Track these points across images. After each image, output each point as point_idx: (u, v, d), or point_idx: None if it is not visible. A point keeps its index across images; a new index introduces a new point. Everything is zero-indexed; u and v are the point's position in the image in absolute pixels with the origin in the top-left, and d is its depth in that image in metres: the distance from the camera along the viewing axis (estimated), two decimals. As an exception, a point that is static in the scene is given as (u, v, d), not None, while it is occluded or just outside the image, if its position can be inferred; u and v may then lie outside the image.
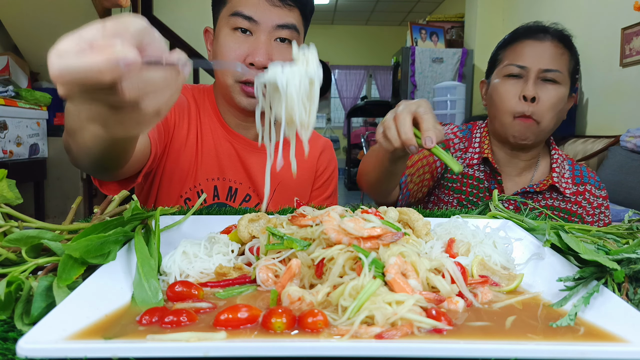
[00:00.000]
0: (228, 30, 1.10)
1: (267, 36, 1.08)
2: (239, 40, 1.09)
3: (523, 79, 1.27)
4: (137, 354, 0.38)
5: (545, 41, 1.28)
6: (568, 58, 1.28)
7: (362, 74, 10.73)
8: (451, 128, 1.45)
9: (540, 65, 1.26)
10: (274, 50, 1.09)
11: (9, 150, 2.90)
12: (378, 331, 0.44)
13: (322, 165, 1.34)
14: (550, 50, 1.27)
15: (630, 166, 2.95)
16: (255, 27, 1.08)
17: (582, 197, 1.34)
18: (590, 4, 3.93)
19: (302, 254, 0.58)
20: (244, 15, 1.07)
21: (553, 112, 1.26)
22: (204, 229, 0.73)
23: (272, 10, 1.08)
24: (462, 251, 0.67)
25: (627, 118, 3.39)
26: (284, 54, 1.10)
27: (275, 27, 1.08)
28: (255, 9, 1.07)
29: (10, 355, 0.40)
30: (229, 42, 1.09)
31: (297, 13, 1.12)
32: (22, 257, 0.57)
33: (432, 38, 5.84)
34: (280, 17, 1.09)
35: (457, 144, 1.42)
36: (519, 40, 1.32)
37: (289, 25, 1.09)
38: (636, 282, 0.56)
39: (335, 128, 10.88)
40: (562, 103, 1.28)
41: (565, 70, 1.27)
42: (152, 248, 0.61)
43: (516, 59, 1.29)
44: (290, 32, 1.10)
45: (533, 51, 1.28)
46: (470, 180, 1.37)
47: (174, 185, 1.15)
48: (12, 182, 0.65)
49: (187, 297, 0.53)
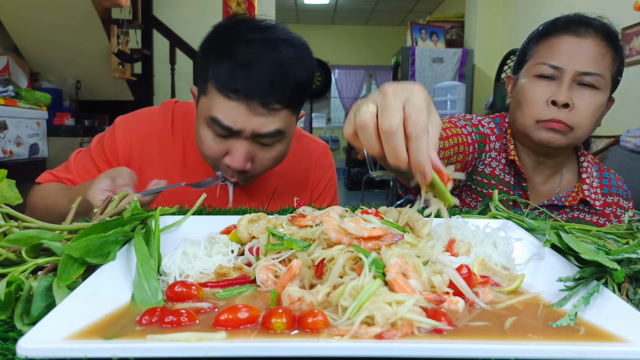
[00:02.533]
0: (206, 129, 1.01)
1: (248, 141, 0.99)
2: (217, 140, 1.01)
3: (556, 82, 1.09)
4: (137, 354, 0.38)
5: (587, 38, 1.08)
6: (611, 59, 1.10)
7: (362, 74, 10.73)
8: (483, 121, 1.23)
9: (578, 67, 1.07)
10: (254, 152, 1.01)
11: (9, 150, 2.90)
12: (378, 331, 0.44)
13: (317, 176, 1.29)
14: (591, 49, 1.07)
15: (630, 166, 2.95)
16: (234, 133, 0.99)
17: (610, 209, 1.20)
18: (590, 4, 3.93)
19: (302, 255, 0.58)
20: (222, 125, 0.96)
21: (589, 121, 1.09)
22: (204, 229, 0.73)
23: (254, 119, 0.96)
24: (463, 251, 0.67)
25: (627, 118, 3.39)
26: (265, 155, 1.03)
27: (256, 134, 0.98)
28: (236, 116, 0.95)
29: (10, 355, 0.40)
30: (206, 139, 1.01)
31: (285, 113, 0.99)
32: (22, 257, 0.57)
33: (432, 38, 5.84)
34: (263, 125, 0.97)
35: (494, 142, 1.21)
36: (555, 34, 1.12)
37: (272, 133, 0.99)
38: (636, 282, 0.56)
39: (335, 128, 10.88)
40: (600, 111, 1.11)
41: (608, 74, 1.09)
42: (152, 248, 0.61)
43: (550, 57, 1.10)
44: (274, 138, 1.01)
45: (571, 49, 1.08)
46: (501, 186, 1.20)
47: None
48: (12, 182, 0.65)
49: (186, 298, 0.53)
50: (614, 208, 1.21)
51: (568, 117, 1.08)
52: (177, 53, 4.51)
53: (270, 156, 1.04)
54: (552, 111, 1.08)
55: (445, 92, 5.21)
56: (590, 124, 1.10)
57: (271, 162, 1.05)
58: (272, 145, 1.03)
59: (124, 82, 4.28)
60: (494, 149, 1.21)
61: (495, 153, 1.21)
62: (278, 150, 1.04)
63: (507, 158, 1.19)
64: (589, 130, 1.11)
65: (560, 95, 1.06)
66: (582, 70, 1.07)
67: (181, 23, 4.83)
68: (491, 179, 1.21)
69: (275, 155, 1.05)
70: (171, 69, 4.51)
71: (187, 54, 4.49)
